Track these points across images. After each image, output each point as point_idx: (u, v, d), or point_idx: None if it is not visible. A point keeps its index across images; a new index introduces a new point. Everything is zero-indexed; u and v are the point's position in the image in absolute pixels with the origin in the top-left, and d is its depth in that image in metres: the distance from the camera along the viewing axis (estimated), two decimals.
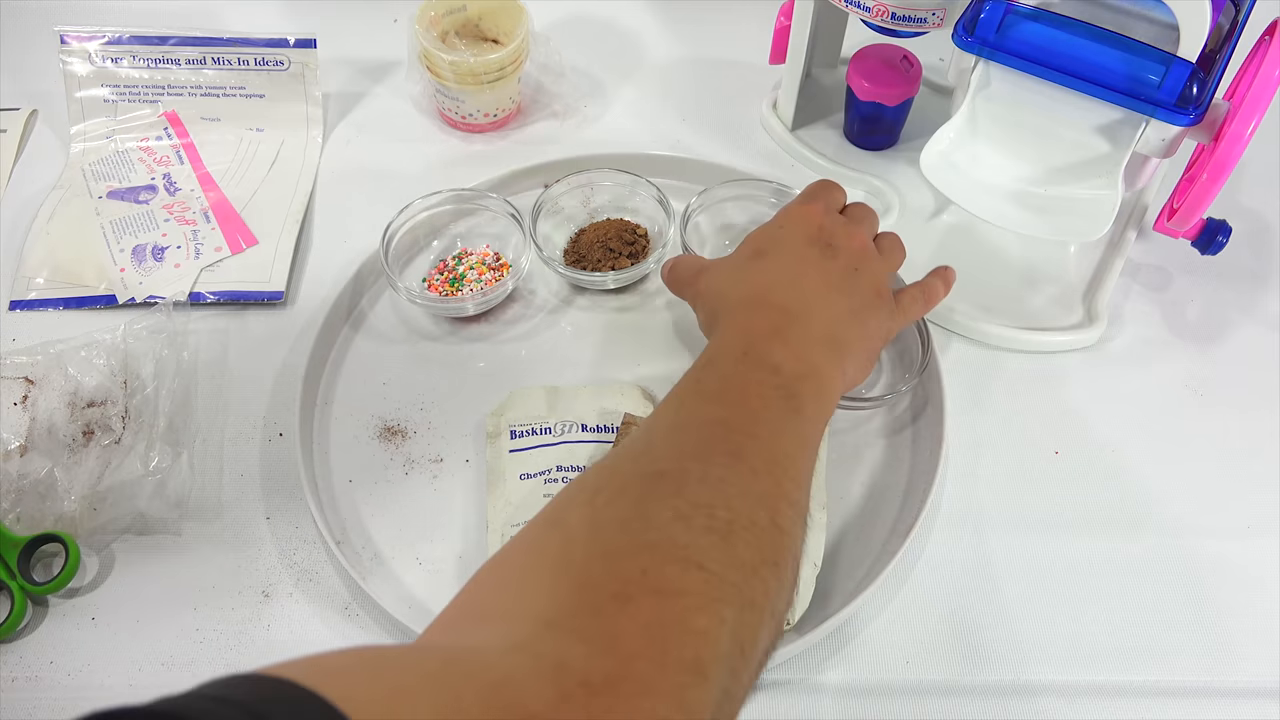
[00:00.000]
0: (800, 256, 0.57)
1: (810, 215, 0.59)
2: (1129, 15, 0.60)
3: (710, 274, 0.59)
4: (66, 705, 0.55)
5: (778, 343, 0.52)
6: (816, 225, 0.58)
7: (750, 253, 0.59)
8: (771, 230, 0.60)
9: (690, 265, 0.62)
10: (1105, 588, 0.61)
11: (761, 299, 0.55)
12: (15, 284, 0.71)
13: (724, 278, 0.58)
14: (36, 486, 0.61)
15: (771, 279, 0.56)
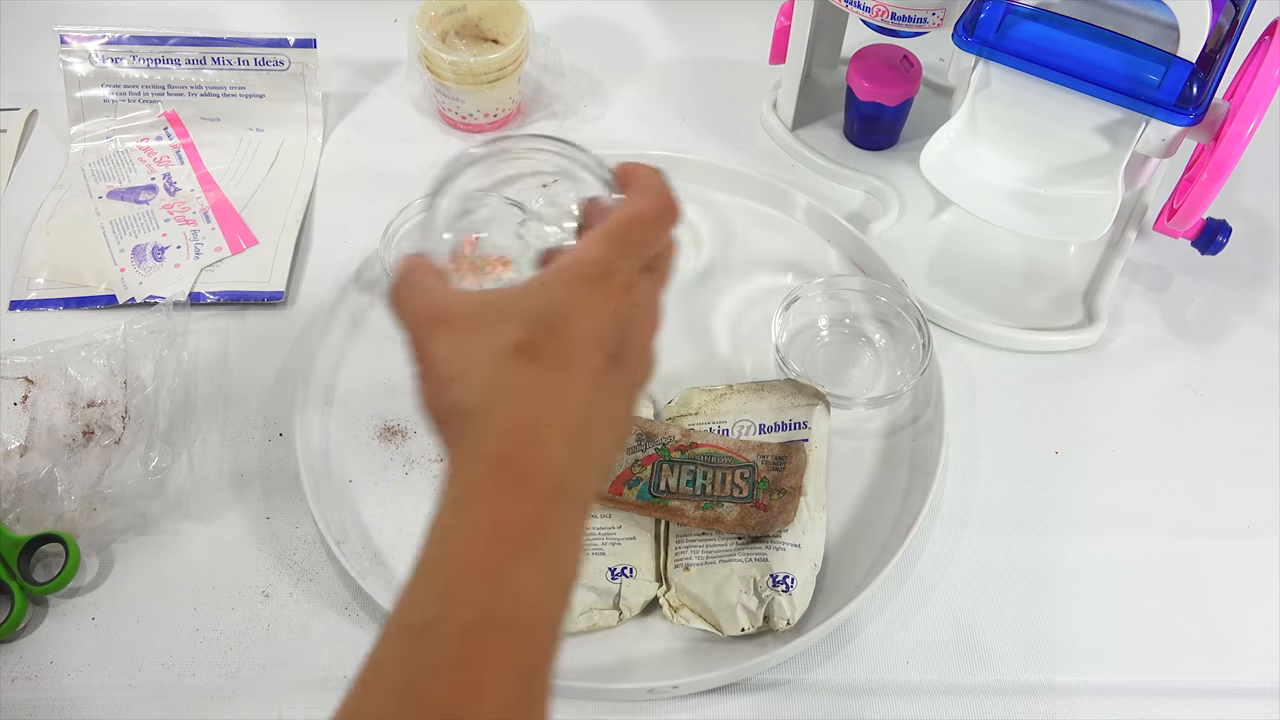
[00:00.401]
0: (584, 370, 0.39)
1: (608, 300, 0.41)
2: (1129, 15, 0.60)
3: (456, 352, 0.40)
4: (66, 705, 0.55)
5: (528, 566, 0.37)
6: (611, 313, 0.40)
7: (518, 344, 0.39)
8: (553, 310, 0.39)
9: (422, 305, 0.41)
10: (1105, 588, 0.61)
11: (525, 459, 0.38)
12: (15, 284, 0.71)
13: (477, 381, 0.39)
14: (36, 486, 0.61)
15: (543, 410, 0.38)
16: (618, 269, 0.41)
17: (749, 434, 0.63)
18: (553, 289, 0.40)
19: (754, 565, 0.57)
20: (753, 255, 0.74)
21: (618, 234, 0.42)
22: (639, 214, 0.43)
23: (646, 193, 0.44)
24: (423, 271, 0.44)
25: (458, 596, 0.36)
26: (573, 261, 0.41)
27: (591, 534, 0.59)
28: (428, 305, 0.42)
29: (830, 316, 0.70)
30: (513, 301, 0.40)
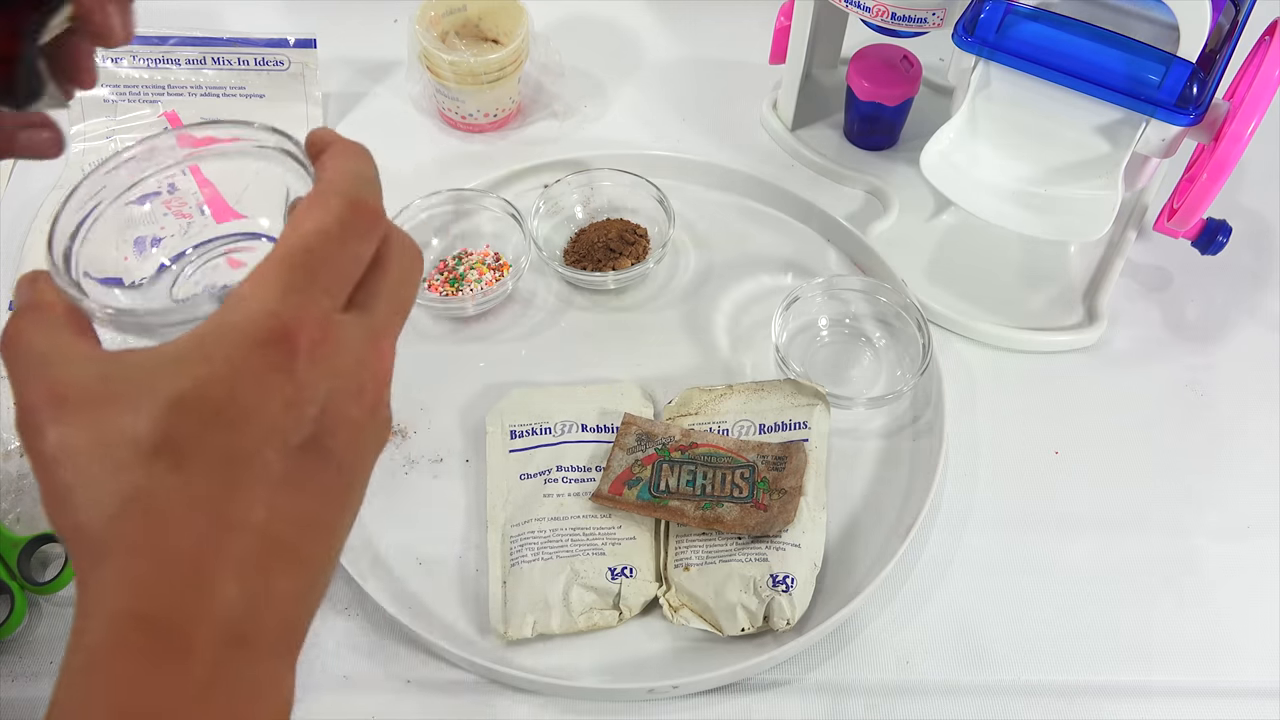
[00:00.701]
0: (257, 473, 0.30)
1: (290, 365, 0.30)
2: (1129, 15, 0.60)
3: (76, 452, 0.29)
4: None
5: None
6: (294, 388, 0.30)
7: (157, 441, 0.28)
8: (205, 392, 0.29)
9: (31, 374, 0.31)
10: (1105, 588, 0.61)
11: (174, 614, 0.28)
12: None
13: (104, 497, 0.29)
14: (36, 486, 0.61)
15: (199, 537, 0.29)
16: (300, 319, 0.30)
17: (749, 434, 0.63)
18: (205, 358, 0.29)
19: (754, 565, 0.57)
20: (753, 255, 0.74)
21: (293, 265, 0.30)
22: (319, 229, 0.31)
23: (330, 191, 0.32)
24: (38, 315, 0.32)
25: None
26: (234, 315, 0.30)
27: (592, 534, 0.59)
28: (39, 376, 0.30)
29: (830, 316, 0.70)
30: (151, 376, 0.29)
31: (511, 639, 0.56)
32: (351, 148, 0.34)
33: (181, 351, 0.29)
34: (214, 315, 0.30)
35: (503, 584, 0.58)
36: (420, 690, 0.56)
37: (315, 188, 0.33)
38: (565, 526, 0.59)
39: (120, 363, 0.30)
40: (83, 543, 0.29)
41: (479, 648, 0.57)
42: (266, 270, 0.30)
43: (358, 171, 0.33)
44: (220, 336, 0.29)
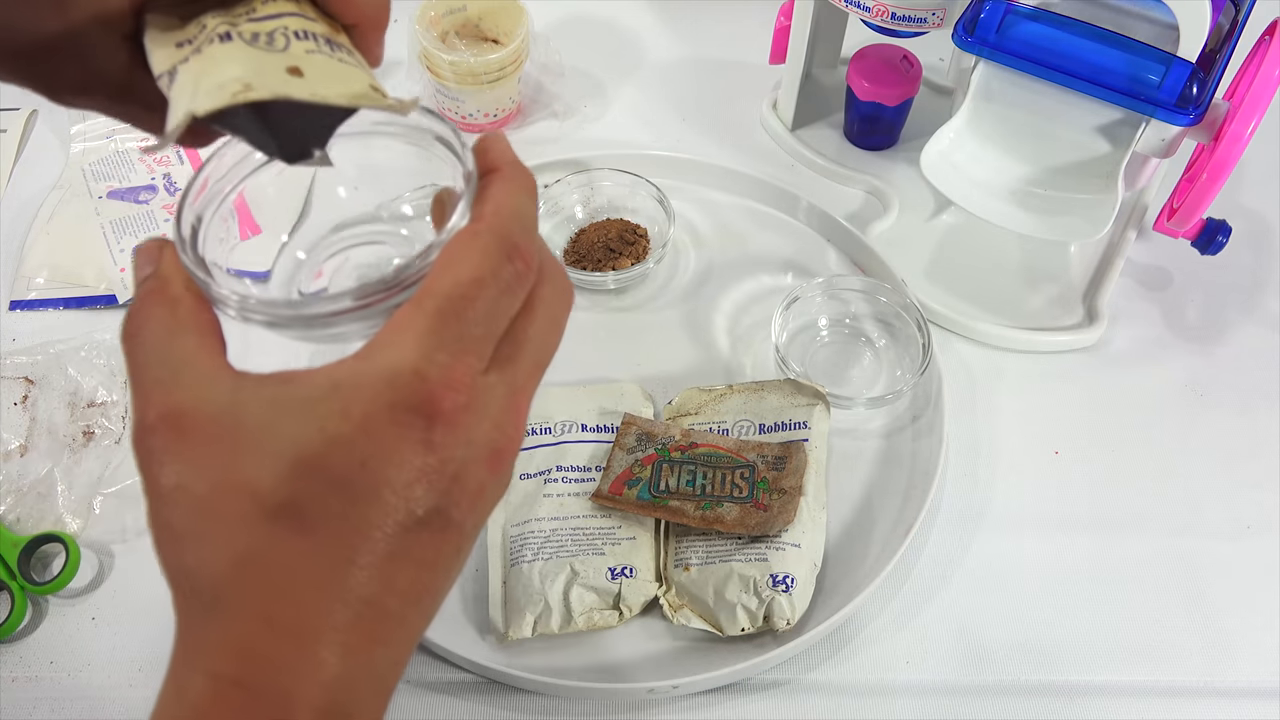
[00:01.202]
0: (377, 543, 0.28)
1: (430, 438, 0.28)
2: (1129, 15, 0.60)
3: (196, 495, 0.28)
4: (66, 705, 0.55)
5: None
6: (436, 463, 0.28)
7: (284, 502, 0.27)
8: (340, 458, 0.27)
9: (155, 382, 0.29)
10: (1105, 588, 0.60)
11: (275, 682, 0.28)
12: (15, 284, 0.71)
13: (219, 551, 0.28)
14: (36, 486, 0.61)
15: (310, 606, 0.28)
16: (445, 382, 0.28)
17: (749, 434, 0.63)
18: (341, 413, 0.27)
19: (754, 565, 0.57)
20: (753, 255, 0.74)
21: (444, 317, 0.28)
22: (475, 279, 0.29)
23: (491, 234, 0.30)
24: (165, 309, 0.30)
25: None
26: (376, 366, 0.28)
27: (592, 534, 0.59)
28: (163, 390, 0.28)
29: (830, 316, 0.70)
30: (281, 419, 0.27)
31: (511, 639, 0.56)
32: (520, 179, 0.32)
33: (315, 396, 0.28)
34: (353, 362, 0.28)
35: (503, 584, 0.58)
36: (420, 690, 0.56)
37: (476, 225, 0.30)
38: (565, 526, 0.59)
39: (249, 394, 0.28)
40: (189, 588, 0.29)
41: (479, 648, 0.57)
42: (414, 319, 0.28)
43: (522, 211, 0.31)
44: (358, 390, 0.27)
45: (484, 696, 0.56)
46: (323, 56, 0.31)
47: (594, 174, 0.74)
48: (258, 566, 0.27)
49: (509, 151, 0.33)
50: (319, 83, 0.29)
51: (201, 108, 0.28)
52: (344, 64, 0.31)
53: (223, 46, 0.30)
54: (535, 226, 0.32)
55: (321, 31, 0.32)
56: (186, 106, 0.29)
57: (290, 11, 0.32)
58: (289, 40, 0.30)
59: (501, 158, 0.32)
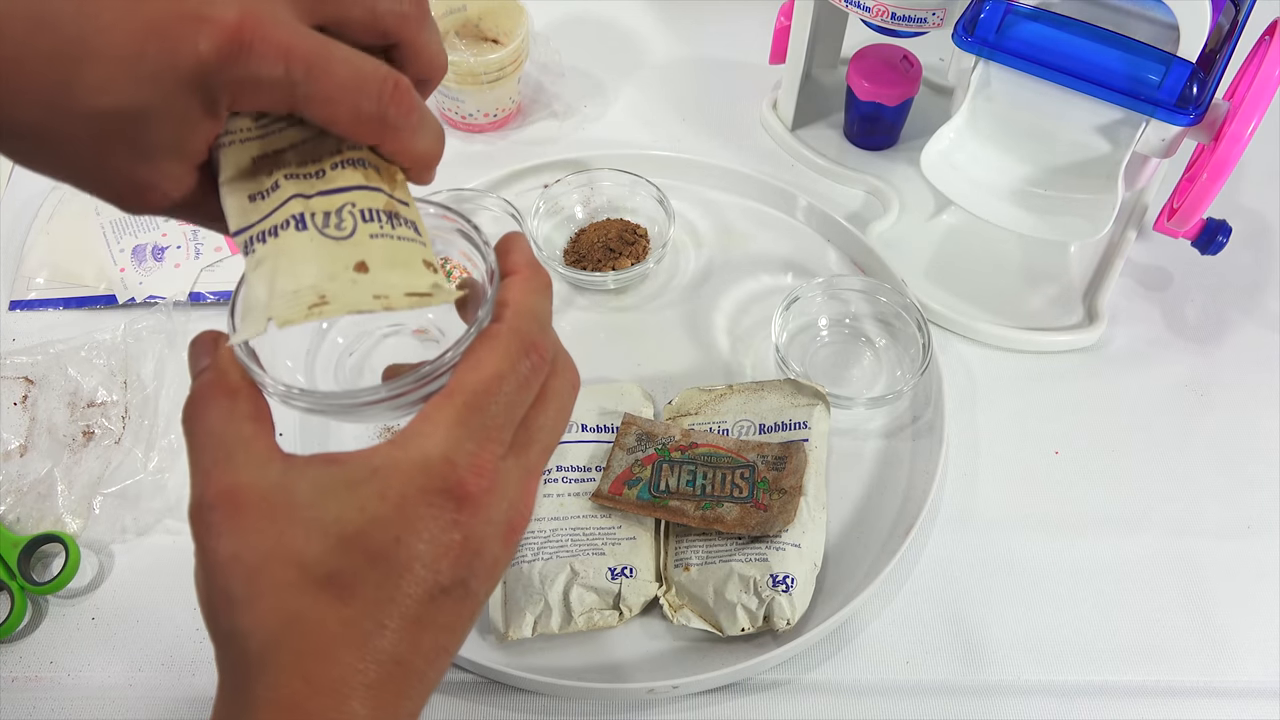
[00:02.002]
0: (405, 610, 0.31)
1: (457, 518, 0.32)
2: (1129, 15, 0.60)
3: (246, 563, 0.31)
4: (66, 705, 0.55)
5: None
6: (460, 540, 0.32)
7: (329, 574, 0.31)
8: (378, 536, 0.31)
9: (213, 463, 0.32)
10: (1105, 588, 0.61)
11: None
12: (15, 284, 0.71)
13: (267, 615, 0.31)
14: (36, 486, 0.61)
15: (348, 665, 0.31)
16: (472, 468, 0.32)
17: (749, 434, 0.63)
18: (380, 495, 0.31)
19: (754, 565, 0.57)
20: (753, 255, 0.74)
21: (471, 409, 0.32)
22: (498, 375, 0.32)
23: (513, 334, 0.33)
24: (223, 398, 0.33)
25: None
26: (411, 453, 0.31)
27: (592, 534, 0.59)
28: (220, 470, 0.32)
29: (830, 316, 0.70)
30: (326, 499, 0.31)
31: (511, 639, 0.56)
32: (537, 281, 0.35)
33: (356, 479, 0.31)
34: (389, 449, 0.31)
35: (503, 584, 0.58)
36: None
37: (498, 325, 0.34)
38: (565, 526, 0.59)
39: (297, 474, 0.32)
40: (237, 648, 0.31)
41: (479, 648, 0.57)
42: (444, 411, 0.32)
43: (538, 310, 0.35)
44: (394, 474, 0.31)
45: (484, 696, 0.56)
46: (386, 241, 0.33)
47: (594, 174, 0.74)
48: (302, 630, 0.31)
49: (528, 252, 0.36)
50: (383, 282, 0.32)
51: (280, 319, 0.31)
52: (404, 243, 0.33)
53: (297, 236, 0.32)
54: (550, 323, 0.35)
55: (383, 205, 0.33)
56: (264, 313, 0.31)
57: (357, 184, 0.33)
58: (355, 223, 0.32)
59: (521, 259, 0.36)
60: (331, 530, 0.31)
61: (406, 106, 0.32)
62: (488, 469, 0.32)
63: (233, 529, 0.31)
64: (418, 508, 0.31)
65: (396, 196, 0.34)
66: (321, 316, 0.31)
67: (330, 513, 0.31)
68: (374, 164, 0.34)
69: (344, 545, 0.31)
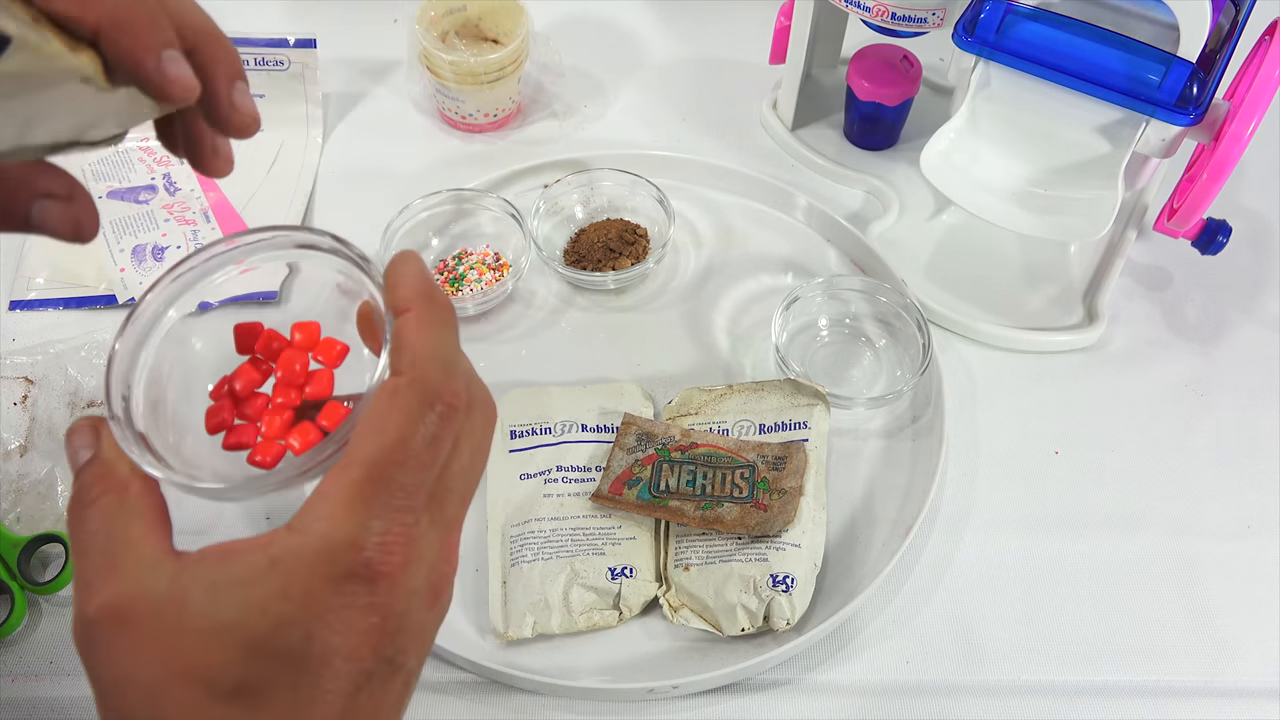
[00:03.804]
0: (331, 702, 0.29)
1: (372, 600, 0.29)
2: (1129, 15, 0.60)
3: (143, 682, 0.28)
4: (66, 705, 0.55)
5: None
6: (376, 622, 0.29)
7: (237, 685, 0.28)
8: (285, 637, 0.28)
9: (94, 572, 0.29)
10: (1105, 588, 0.61)
11: None
12: (15, 284, 0.71)
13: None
14: (36, 486, 0.61)
15: None
16: (383, 547, 0.28)
17: (749, 434, 0.63)
18: (283, 594, 0.27)
19: (754, 565, 0.57)
20: (753, 255, 0.74)
21: (375, 484, 0.28)
22: (402, 439, 0.29)
23: (414, 388, 0.30)
24: (106, 498, 0.30)
25: None
26: (312, 540, 0.28)
27: (592, 534, 0.59)
28: (103, 581, 0.28)
29: (830, 316, 0.70)
30: (224, 603, 0.28)
31: (511, 639, 0.56)
32: (433, 313, 0.31)
33: (254, 576, 0.28)
34: (288, 536, 0.28)
35: (502, 584, 0.58)
36: (420, 690, 0.56)
37: (395, 381, 0.30)
38: (565, 526, 0.59)
39: (189, 577, 0.28)
40: None
41: (479, 648, 0.57)
42: (343, 488, 0.28)
43: (439, 351, 0.31)
44: (296, 565, 0.28)
45: (484, 696, 0.56)
46: None
47: (594, 174, 0.74)
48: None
49: (420, 280, 0.32)
50: None
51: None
52: None
53: None
54: (456, 358, 0.31)
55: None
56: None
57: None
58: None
59: (411, 292, 0.31)
60: (232, 637, 0.27)
61: None
62: (399, 544, 0.28)
63: (123, 648, 0.27)
64: (326, 599, 0.27)
65: None
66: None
67: (229, 617, 0.27)
68: None
69: (250, 652, 0.27)
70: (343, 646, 0.28)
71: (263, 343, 0.36)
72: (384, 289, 0.32)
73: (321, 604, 0.28)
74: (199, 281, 0.36)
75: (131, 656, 0.28)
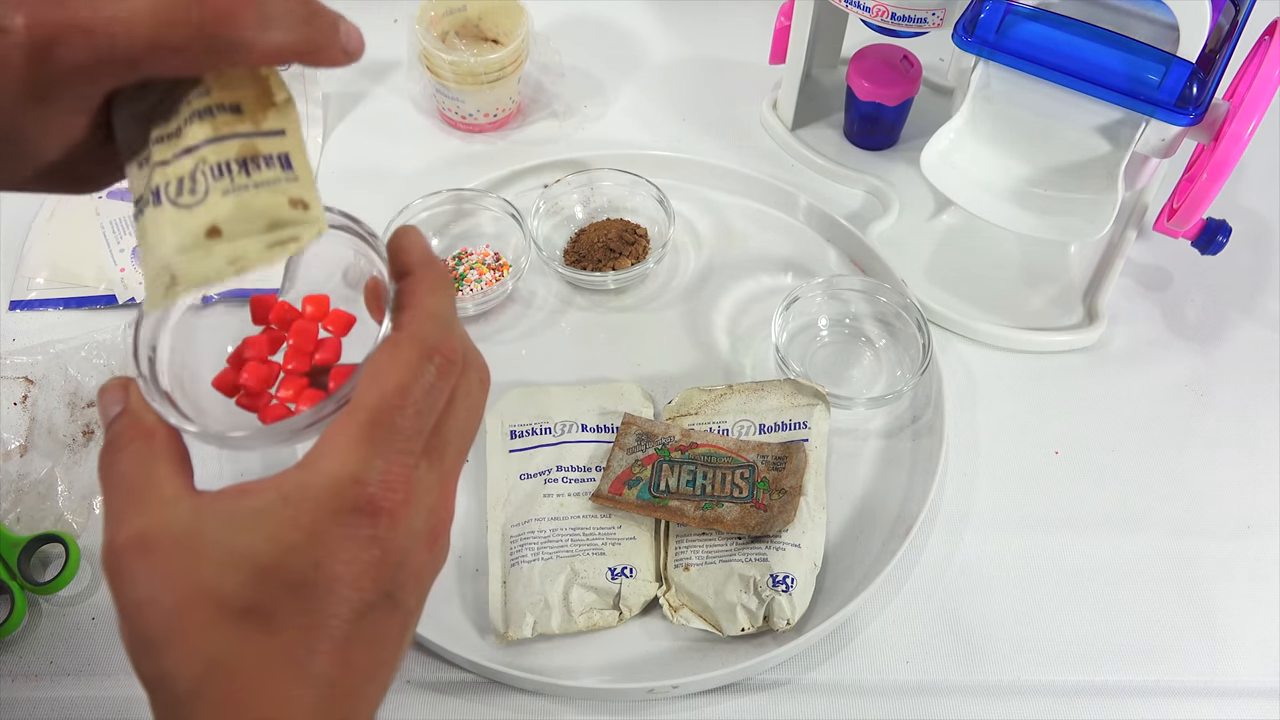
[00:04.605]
0: (335, 630, 0.31)
1: (374, 533, 0.31)
2: (1129, 15, 0.60)
3: (163, 603, 0.30)
4: (66, 705, 0.55)
5: None
6: (378, 555, 0.31)
7: (248, 606, 0.30)
8: (294, 562, 0.31)
9: (121, 507, 0.32)
10: (1105, 588, 0.61)
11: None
12: (15, 284, 0.71)
13: (190, 653, 0.30)
14: (36, 486, 0.61)
15: (279, 694, 0.31)
16: (384, 484, 0.31)
17: (749, 434, 0.63)
18: (292, 523, 0.30)
19: (754, 565, 0.57)
20: (753, 255, 0.74)
21: (377, 426, 0.31)
22: (402, 387, 0.32)
23: (415, 343, 0.33)
24: (134, 443, 0.33)
25: None
26: (318, 478, 0.31)
27: (592, 534, 0.59)
28: (130, 514, 0.31)
29: (830, 316, 0.70)
30: (237, 533, 0.30)
31: (511, 639, 0.56)
32: (434, 277, 0.34)
33: (266, 508, 0.31)
34: (298, 474, 0.31)
35: (503, 584, 0.58)
36: (420, 690, 0.56)
37: (397, 335, 0.33)
38: (565, 526, 0.59)
39: (208, 511, 0.31)
40: (165, 692, 0.31)
41: (479, 648, 0.57)
42: (349, 430, 0.31)
43: (439, 310, 0.34)
44: (305, 500, 0.31)
45: (484, 696, 0.56)
46: (240, 195, 0.31)
47: (594, 174, 0.74)
48: (228, 666, 0.30)
49: (422, 246, 0.35)
50: (237, 243, 0.31)
51: (148, 306, 0.32)
52: (263, 190, 0.31)
53: (155, 212, 0.31)
54: (453, 319, 0.34)
55: (235, 153, 0.31)
56: (145, 306, 0.32)
57: (205, 139, 0.31)
58: (207, 184, 0.31)
59: (414, 258, 0.35)
60: (245, 563, 0.30)
61: (218, 11, 0.29)
62: (399, 483, 0.31)
63: (146, 572, 0.30)
64: (332, 530, 0.30)
65: (264, 129, 0.32)
66: (176, 297, 0.30)
67: (243, 546, 0.30)
68: (229, 102, 0.31)
69: (260, 576, 0.30)
70: (345, 574, 0.31)
71: (277, 313, 0.38)
72: (387, 261, 0.35)
73: (327, 534, 0.30)
74: None
75: (153, 580, 0.30)
